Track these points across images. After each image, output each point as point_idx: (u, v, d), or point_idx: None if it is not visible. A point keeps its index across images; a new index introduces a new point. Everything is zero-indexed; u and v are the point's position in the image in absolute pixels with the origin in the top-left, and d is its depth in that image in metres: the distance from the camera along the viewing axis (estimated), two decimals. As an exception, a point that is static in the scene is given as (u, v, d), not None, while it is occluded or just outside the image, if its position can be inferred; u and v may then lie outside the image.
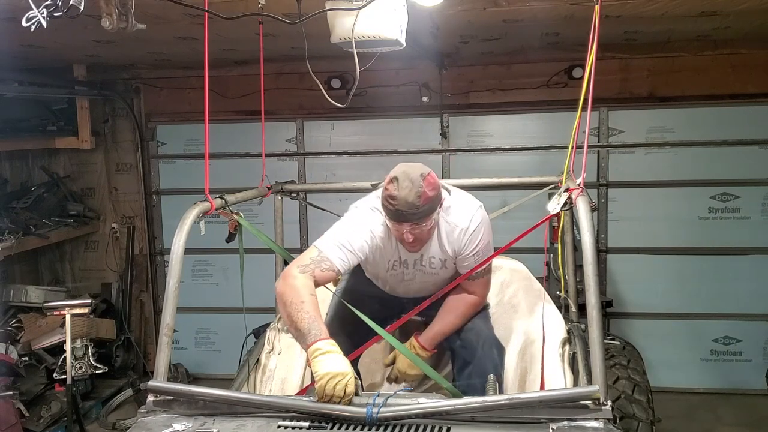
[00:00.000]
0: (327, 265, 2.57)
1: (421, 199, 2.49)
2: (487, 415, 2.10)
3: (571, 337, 3.11)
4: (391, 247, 2.76)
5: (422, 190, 2.49)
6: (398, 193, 2.49)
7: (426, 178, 2.52)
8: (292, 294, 2.45)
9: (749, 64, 5.38)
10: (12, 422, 4.50)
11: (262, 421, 2.17)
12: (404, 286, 2.94)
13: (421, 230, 2.58)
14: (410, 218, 2.52)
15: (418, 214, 2.51)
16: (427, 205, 2.51)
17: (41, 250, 6.06)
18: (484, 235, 2.77)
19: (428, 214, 2.54)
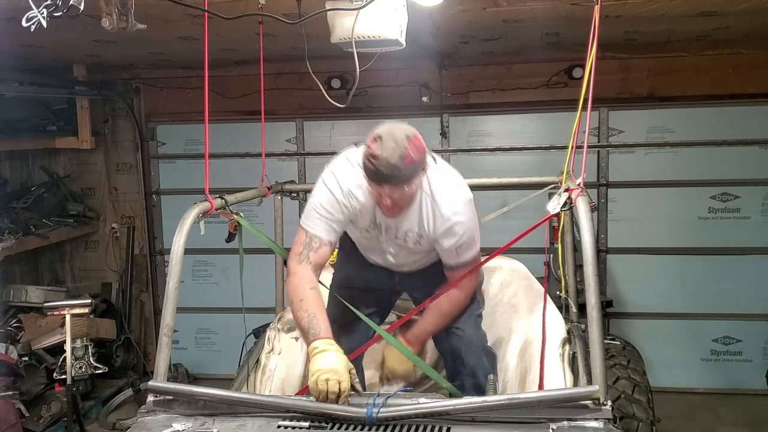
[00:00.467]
0: (317, 243, 2.57)
1: (405, 161, 2.33)
2: (487, 415, 2.10)
3: (571, 337, 3.11)
4: (367, 208, 2.62)
5: (406, 152, 2.33)
6: (381, 153, 2.33)
7: (412, 139, 2.37)
8: (292, 293, 2.50)
9: (749, 64, 5.38)
10: (12, 422, 4.50)
11: (262, 421, 2.17)
12: (382, 255, 2.83)
13: (401, 194, 2.44)
14: (391, 180, 2.37)
15: (400, 176, 2.36)
16: (410, 168, 2.36)
17: (41, 250, 6.05)
18: (467, 231, 2.64)
19: (410, 178, 2.40)
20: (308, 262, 2.54)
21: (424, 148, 2.43)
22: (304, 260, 2.54)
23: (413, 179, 2.42)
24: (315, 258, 2.56)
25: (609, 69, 5.46)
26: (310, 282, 2.51)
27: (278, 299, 3.65)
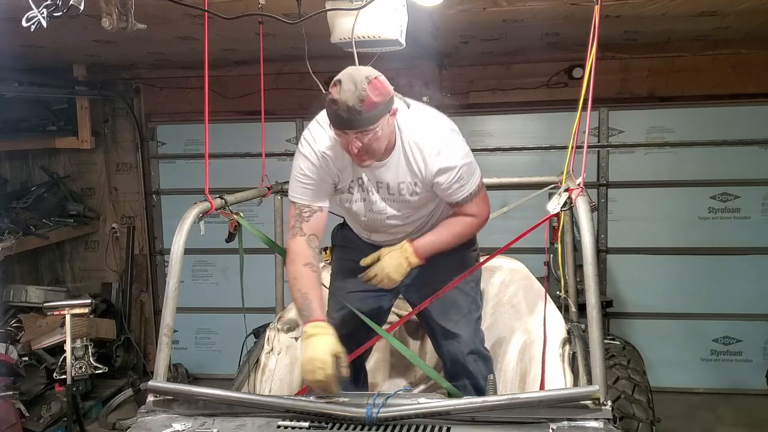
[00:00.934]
0: (308, 212, 2.57)
1: (364, 103, 2.25)
2: (487, 415, 2.09)
3: (571, 337, 3.11)
4: (346, 166, 2.55)
5: (365, 93, 2.24)
6: (339, 97, 2.25)
7: (372, 81, 2.28)
8: (288, 270, 2.55)
9: (749, 64, 5.38)
10: (12, 422, 4.50)
11: (262, 421, 2.17)
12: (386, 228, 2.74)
13: (367, 139, 2.34)
14: (352, 124, 2.28)
15: (361, 120, 2.27)
16: (371, 111, 2.27)
17: (41, 250, 6.05)
18: (461, 161, 2.54)
19: (373, 121, 2.30)
20: (302, 234, 2.55)
21: (386, 90, 2.33)
22: (297, 233, 2.55)
23: (376, 122, 2.31)
24: (309, 228, 2.56)
25: (609, 69, 5.46)
26: (303, 258, 2.51)
27: (278, 299, 3.65)
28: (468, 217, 2.66)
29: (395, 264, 2.60)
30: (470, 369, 2.79)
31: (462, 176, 2.54)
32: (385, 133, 2.39)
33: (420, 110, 2.59)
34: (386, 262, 2.61)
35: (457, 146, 2.56)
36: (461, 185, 2.56)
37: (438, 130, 2.54)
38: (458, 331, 2.81)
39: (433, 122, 2.56)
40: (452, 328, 2.81)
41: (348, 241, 2.92)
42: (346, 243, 2.94)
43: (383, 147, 2.43)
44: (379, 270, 2.62)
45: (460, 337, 2.80)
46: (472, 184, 2.60)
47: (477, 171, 2.64)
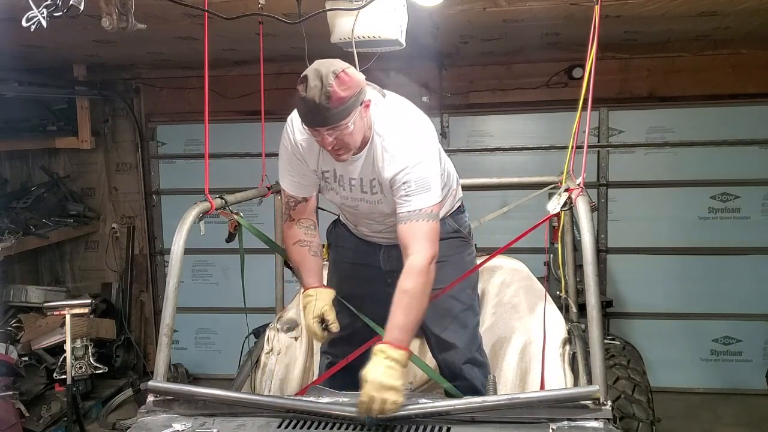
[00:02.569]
0: (293, 202, 2.65)
1: (331, 99, 2.16)
2: (487, 415, 2.10)
3: (571, 337, 3.11)
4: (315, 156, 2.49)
5: (332, 89, 2.16)
6: (306, 94, 2.19)
7: (339, 75, 2.19)
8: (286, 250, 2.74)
9: (749, 64, 5.38)
10: (12, 422, 4.50)
11: (262, 421, 2.17)
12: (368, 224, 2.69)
13: (340, 135, 2.25)
14: (321, 121, 2.21)
15: (330, 116, 2.19)
16: (339, 106, 2.18)
17: (41, 250, 6.05)
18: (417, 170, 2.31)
19: (343, 117, 2.21)
20: (291, 220, 2.67)
21: (354, 83, 2.23)
22: (287, 219, 2.69)
23: (346, 117, 2.22)
24: (296, 214, 2.66)
25: (609, 69, 5.45)
26: (293, 238, 2.66)
27: (278, 299, 3.65)
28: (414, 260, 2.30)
29: (380, 372, 2.12)
30: (466, 377, 2.76)
31: (411, 186, 2.32)
32: (358, 126, 2.30)
33: (393, 103, 2.47)
34: (370, 377, 2.12)
35: (417, 155, 2.34)
36: (407, 196, 2.32)
37: (403, 133, 2.37)
38: (454, 341, 2.75)
39: (400, 118, 2.42)
40: (448, 338, 2.75)
41: (342, 240, 2.90)
42: (340, 242, 2.91)
43: (358, 140, 2.34)
44: (368, 391, 2.09)
45: (456, 346, 2.75)
46: (420, 202, 2.32)
47: (432, 193, 2.35)
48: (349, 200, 2.58)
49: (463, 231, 2.80)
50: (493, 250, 2.88)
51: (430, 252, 2.31)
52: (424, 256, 2.30)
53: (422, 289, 2.30)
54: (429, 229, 2.33)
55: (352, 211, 2.67)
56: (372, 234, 2.76)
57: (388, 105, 2.44)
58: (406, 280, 2.29)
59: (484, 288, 3.33)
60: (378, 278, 2.80)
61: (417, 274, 2.29)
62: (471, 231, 2.88)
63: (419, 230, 2.32)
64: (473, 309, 2.86)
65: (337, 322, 2.55)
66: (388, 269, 2.77)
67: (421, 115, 2.49)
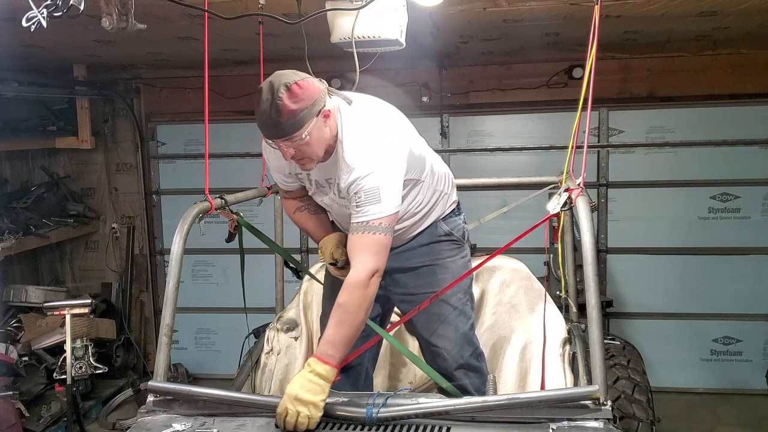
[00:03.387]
0: (283, 193, 2.81)
1: (281, 113, 2.15)
2: (487, 416, 2.10)
3: (571, 337, 3.11)
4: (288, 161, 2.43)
5: (281, 102, 2.14)
6: (258, 107, 2.19)
7: (290, 88, 2.16)
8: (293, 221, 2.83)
9: (749, 64, 5.38)
10: (12, 422, 4.50)
11: (262, 421, 2.17)
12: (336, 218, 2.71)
13: (298, 146, 2.23)
14: (274, 134, 2.21)
15: (282, 129, 2.18)
16: (290, 119, 2.16)
17: (41, 250, 6.05)
18: (369, 180, 2.25)
19: (295, 129, 2.18)
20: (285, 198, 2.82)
21: (308, 95, 2.19)
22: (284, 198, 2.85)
23: (299, 129, 2.18)
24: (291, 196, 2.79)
25: (609, 69, 5.46)
26: (291, 209, 2.79)
27: (278, 299, 3.65)
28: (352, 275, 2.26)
29: (298, 385, 2.12)
30: (460, 383, 2.71)
31: (360, 196, 2.26)
32: (316, 137, 2.25)
33: (359, 109, 2.39)
34: (288, 389, 2.13)
35: (369, 158, 2.27)
36: (357, 206, 2.27)
37: (361, 140, 2.31)
38: (443, 345, 2.71)
39: (361, 126, 2.34)
40: (437, 343, 2.71)
41: None
42: None
43: (319, 150, 2.30)
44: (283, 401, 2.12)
45: (446, 351, 2.71)
46: (371, 212, 2.25)
47: (385, 205, 2.26)
48: (326, 200, 2.61)
49: (455, 234, 2.74)
50: (493, 250, 2.87)
51: (370, 265, 2.24)
52: (364, 269, 2.24)
53: (358, 303, 2.23)
54: (373, 242, 2.26)
55: (330, 211, 2.74)
56: None
57: (353, 111, 2.37)
58: (342, 294, 2.25)
59: (484, 288, 3.33)
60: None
61: (353, 288, 2.24)
62: (466, 233, 2.83)
63: (362, 243, 2.27)
64: (465, 313, 2.78)
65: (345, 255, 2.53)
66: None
67: (388, 121, 2.42)
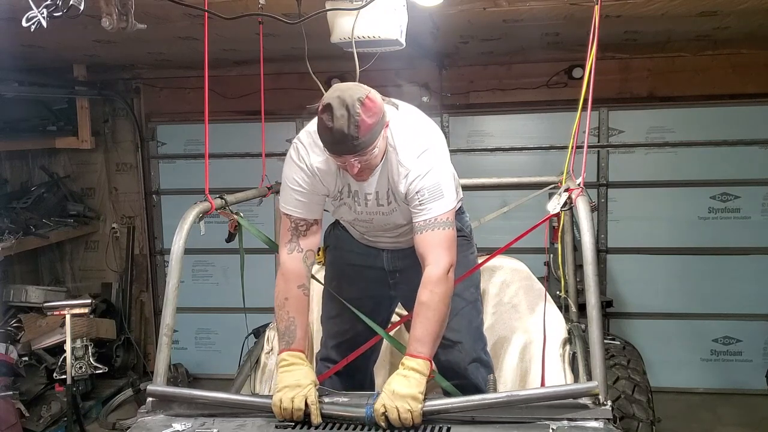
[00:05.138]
0: (304, 226, 2.46)
1: (360, 129, 2.14)
2: (487, 415, 2.10)
3: (572, 337, 3.11)
4: (332, 177, 2.44)
5: (359, 118, 2.13)
6: (333, 125, 2.14)
7: (364, 103, 2.16)
8: (279, 288, 2.43)
9: (749, 64, 5.38)
10: (12, 422, 4.50)
11: (262, 421, 2.17)
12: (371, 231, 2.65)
13: (367, 158, 2.25)
14: (350, 151, 2.19)
15: (358, 146, 2.17)
16: (367, 135, 2.17)
17: (41, 250, 6.06)
18: (430, 178, 2.32)
19: (371, 143, 2.21)
20: (299, 251, 2.44)
21: (379, 108, 2.22)
22: (294, 249, 2.44)
23: (374, 142, 2.22)
24: (306, 243, 2.46)
25: (609, 69, 5.46)
26: (298, 278, 2.42)
27: (278, 299, 3.65)
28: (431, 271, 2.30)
29: (395, 382, 2.17)
30: (471, 377, 2.73)
31: (425, 194, 2.32)
32: (381, 147, 2.30)
33: (405, 114, 2.45)
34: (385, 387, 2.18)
35: (430, 164, 2.34)
36: (421, 204, 2.32)
37: (415, 143, 2.36)
38: (459, 339, 2.72)
39: (415, 132, 2.40)
40: (453, 337, 2.70)
41: (342, 242, 2.84)
42: (340, 244, 2.85)
43: (380, 159, 2.35)
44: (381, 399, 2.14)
45: (462, 345, 2.72)
46: (435, 208, 2.32)
47: (447, 200, 2.35)
48: (364, 215, 2.54)
49: (465, 230, 2.79)
50: (493, 250, 2.88)
51: (446, 260, 2.30)
52: (441, 265, 2.29)
53: (440, 298, 2.28)
54: (444, 237, 2.32)
55: (365, 225, 2.61)
56: (376, 242, 2.73)
57: (401, 117, 2.41)
58: (423, 292, 2.29)
59: (484, 288, 3.33)
60: (380, 280, 2.79)
61: (434, 284, 2.28)
62: (471, 230, 2.88)
63: (435, 239, 2.31)
64: (477, 308, 2.84)
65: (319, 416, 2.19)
66: (391, 269, 2.77)
67: (431, 123, 2.49)
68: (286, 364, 2.27)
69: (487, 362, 2.82)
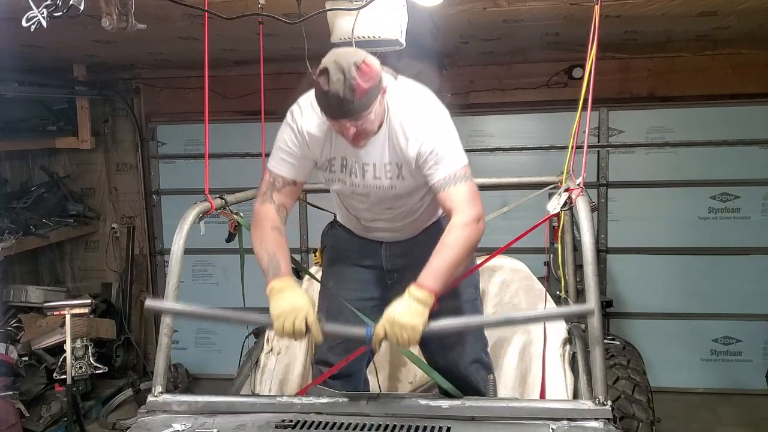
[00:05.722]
0: (280, 183, 2.49)
1: (355, 93, 2.17)
2: (487, 415, 2.10)
3: (571, 337, 3.11)
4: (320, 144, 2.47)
5: (355, 82, 2.16)
6: (329, 88, 2.17)
7: (360, 67, 2.18)
8: (254, 232, 2.44)
9: (749, 64, 5.38)
10: (12, 422, 4.50)
11: (262, 421, 2.17)
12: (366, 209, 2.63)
13: (362, 123, 2.28)
14: (345, 114, 2.22)
15: (353, 109, 2.20)
16: (362, 98, 2.19)
17: (41, 250, 6.05)
18: (442, 136, 2.40)
19: (366, 107, 2.23)
20: (271, 202, 2.47)
21: (376, 73, 2.24)
22: (267, 200, 2.48)
23: (369, 107, 2.24)
24: (279, 198, 2.48)
25: (609, 69, 5.46)
26: (272, 222, 2.43)
27: (278, 299, 3.64)
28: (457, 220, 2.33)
29: (405, 310, 2.19)
30: (471, 378, 2.72)
31: (440, 153, 2.37)
32: (378, 113, 2.32)
33: (405, 84, 2.50)
34: (395, 311, 2.20)
35: (438, 123, 2.43)
36: (436, 162, 2.37)
37: (420, 108, 2.43)
38: (460, 341, 2.72)
39: (416, 97, 2.46)
40: (453, 338, 2.70)
41: (340, 241, 2.84)
42: (338, 243, 2.85)
43: (377, 126, 2.37)
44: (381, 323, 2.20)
45: (462, 346, 2.71)
46: (451, 163, 2.38)
47: (461, 155, 2.43)
48: (360, 188, 2.53)
49: None
50: (493, 250, 2.88)
51: (474, 210, 2.33)
52: (469, 213, 2.31)
53: (462, 241, 2.29)
54: (468, 189, 2.37)
55: (362, 199, 2.59)
56: (374, 229, 2.71)
57: (400, 86, 2.45)
58: (449, 233, 2.31)
59: (484, 288, 3.33)
60: (378, 280, 2.78)
61: (459, 228, 2.30)
62: None
63: (458, 193, 2.35)
64: (476, 308, 2.83)
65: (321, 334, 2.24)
66: (389, 268, 2.76)
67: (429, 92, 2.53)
68: (278, 290, 2.25)
69: (487, 363, 2.82)
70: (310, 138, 2.44)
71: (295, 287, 2.26)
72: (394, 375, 3.46)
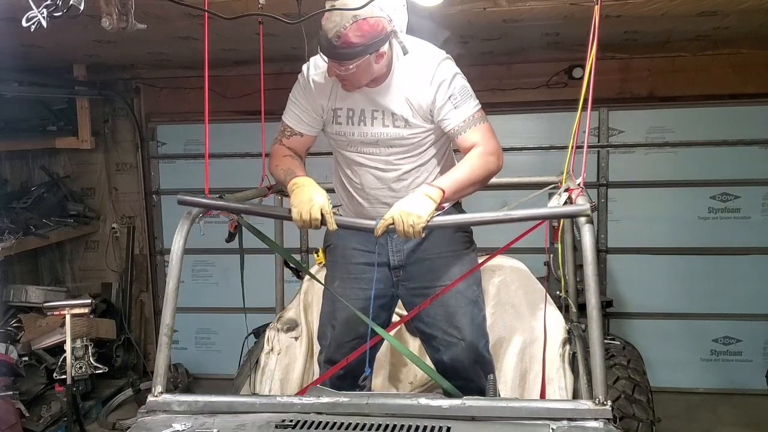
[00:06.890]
0: (289, 132, 2.75)
1: (340, 40, 2.31)
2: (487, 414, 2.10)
3: (571, 337, 3.11)
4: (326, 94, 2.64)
5: (344, 31, 2.29)
6: (324, 24, 2.34)
7: (358, 22, 2.30)
8: (271, 163, 2.70)
9: (749, 64, 5.38)
10: (12, 422, 4.50)
11: (262, 421, 2.17)
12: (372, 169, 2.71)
13: (344, 70, 2.40)
14: (329, 54, 2.38)
15: (336, 53, 2.35)
16: (346, 49, 2.32)
17: (41, 250, 6.05)
18: (455, 79, 2.56)
19: (347, 58, 2.35)
20: (281, 144, 2.74)
21: (372, 34, 2.33)
22: (278, 143, 2.76)
23: (351, 60, 2.35)
24: (288, 143, 2.74)
25: (609, 69, 5.45)
26: (284, 151, 2.70)
27: (278, 299, 3.65)
28: (479, 149, 2.54)
29: (413, 201, 2.36)
30: (472, 375, 2.74)
31: (456, 96, 2.54)
32: (364, 69, 2.42)
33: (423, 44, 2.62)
34: (403, 202, 2.37)
35: (449, 65, 2.57)
36: (456, 106, 2.54)
37: (431, 53, 2.57)
38: (463, 337, 2.73)
39: (426, 48, 2.60)
40: (457, 335, 2.73)
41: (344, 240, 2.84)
42: (342, 242, 2.85)
43: (363, 81, 2.49)
44: (395, 207, 2.36)
45: (465, 343, 2.73)
46: (469, 108, 2.58)
47: (475, 100, 2.64)
48: (369, 136, 2.64)
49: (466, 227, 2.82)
50: (493, 250, 2.88)
51: (494, 144, 2.58)
52: (490, 146, 2.56)
53: (480, 165, 2.51)
54: (487, 128, 2.60)
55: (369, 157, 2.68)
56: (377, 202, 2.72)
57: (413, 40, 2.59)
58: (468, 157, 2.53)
59: (484, 288, 3.33)
60: (384, 278, 2.78)
61: (479, 154, 2.53)
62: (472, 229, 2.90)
63: (478, 132, 2.57)
64: (479, 306, 2.85)
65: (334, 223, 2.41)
66: (396, 264, 2.77)
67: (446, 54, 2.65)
68: (299, 185, 2.46)
69: (488, 361, 2.84)
70: (316, 86, 2.63)
71: (313, 183, 2.46)
72: (394, 375, 3.47)
